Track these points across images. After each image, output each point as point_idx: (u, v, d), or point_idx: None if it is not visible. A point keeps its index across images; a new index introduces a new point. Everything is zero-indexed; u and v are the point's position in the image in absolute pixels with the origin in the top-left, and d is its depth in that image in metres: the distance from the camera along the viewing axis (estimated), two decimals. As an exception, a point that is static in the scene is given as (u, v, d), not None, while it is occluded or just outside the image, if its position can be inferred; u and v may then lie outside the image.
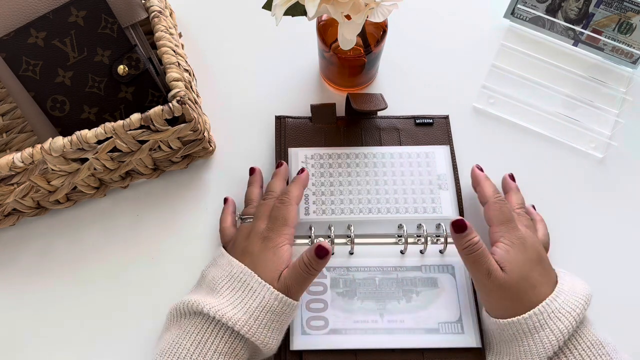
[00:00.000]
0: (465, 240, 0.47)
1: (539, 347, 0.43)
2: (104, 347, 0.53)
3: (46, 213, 0.58)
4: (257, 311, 0.44)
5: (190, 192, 0.60)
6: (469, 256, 0.47)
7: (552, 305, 0.44)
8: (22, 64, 0.53)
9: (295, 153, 0.58)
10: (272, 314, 0.45)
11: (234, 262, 0.47)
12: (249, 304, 0.44)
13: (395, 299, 0.51)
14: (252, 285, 0.45)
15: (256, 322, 0.44)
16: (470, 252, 0.46)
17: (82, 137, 0.48)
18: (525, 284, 0.45)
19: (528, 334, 0.44)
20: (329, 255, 0.45)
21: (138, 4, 0.57)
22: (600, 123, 0.63)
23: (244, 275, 0.46)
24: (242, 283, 0.46)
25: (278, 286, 0.45)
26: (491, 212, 0.50)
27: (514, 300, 0.45)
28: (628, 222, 0.58)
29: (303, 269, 0.46)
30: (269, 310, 0.45)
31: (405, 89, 0.65)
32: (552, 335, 0.43)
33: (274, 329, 0.45)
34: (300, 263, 0.46)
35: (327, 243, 0.46)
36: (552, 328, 0.43)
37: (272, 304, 0.45)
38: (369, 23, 0.53)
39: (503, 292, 0.45)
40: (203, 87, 0.65)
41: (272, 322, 0.45)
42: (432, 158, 0.59)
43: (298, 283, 0.46)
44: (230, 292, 0.45)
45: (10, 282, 0.56)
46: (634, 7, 0.61)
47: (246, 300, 0.45)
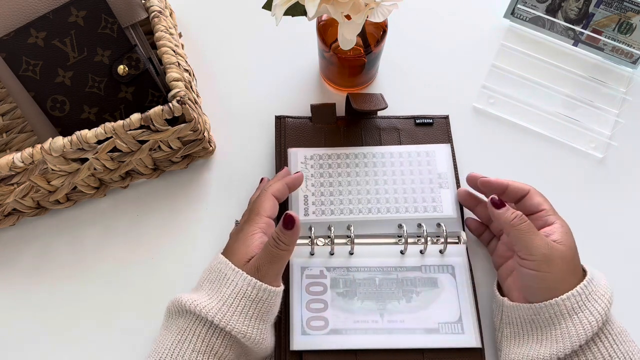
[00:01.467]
0: (508, 213, 0.47)
1: (579, 329, 0.43)
2: (104, 347, 0.53)
3: (46, 213, 0.58)
4: (231, 298, 0.43)
5: (190, 192, 0.60)
6: (520, 226, 0.46)
7: (589, 287, 0.45)
8: (22, 64, 0.53)
9: (294, 153, 0.58)
10: (246, 300, 0.43)
11: (216, 256, 0.48)
12: (223, 292, 0.44)
13: (395, 299, 0.51)
14: (225, 272, 0.45)
15: (230, 309, 0.43)
16: (520, 222, 0.46)
17: (82, 137, 0.48)
18: (576, 260, 0.46)
19: (567, 315, 0.44)
20: (296, 225, 0.45)
21: (138, 4, 0.57)
22: (600, 123, 0.63)
23: (220, 264, 0.46)
24: (217, 273, 0.45)
25: (247, 268, 0.45)
26: (540, 198, 0.50)
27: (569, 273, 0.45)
28: (628, 222, 0.58)
29: (272, 244, 0.45)
30: (243, 296, 0.43)
31: (405, 89, 0.65)
32: (591, 317, 0.43)
33: (251, 317, 0.44)
34: (269, 240, 0.45)
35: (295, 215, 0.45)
36: (591, 310, 0.43)
37: (245, 289, 0.44)
38: (369, 23, 0.53)
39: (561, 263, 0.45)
40: (203, 87, 0.65)
41: (247, 308, 0.43)
42: (432, 157, 0.59)
43: (268, 261, 0.45)
44: (209, 284, 0.45)
45: (10, 282, 0.56)
46: (634, 7, 0.61)
47: (220, 288, 0.44)
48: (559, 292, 0.44)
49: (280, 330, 0.50)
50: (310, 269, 0.53)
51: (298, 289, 0.51)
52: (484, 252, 0.56)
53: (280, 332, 0.50)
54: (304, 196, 0.56)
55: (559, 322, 0.44)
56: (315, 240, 0.53)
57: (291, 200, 0.56)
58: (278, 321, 0.51)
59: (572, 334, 0.43)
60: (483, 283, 0.54)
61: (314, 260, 0.53)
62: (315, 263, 0.53)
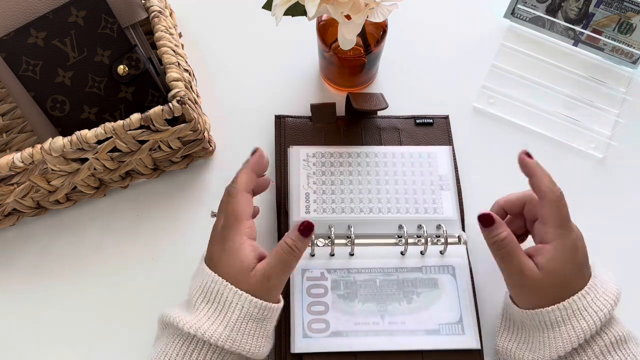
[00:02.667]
0: (492, 234, 0.45)
1: (558, 342, 0.43)
2: (104, 347, 0.53)
3: (46, 213, 0.58)
4: (239, 323, 0.42)
5: (190, 192, 0.60)
6: (498, 252, 0.45)
7: (580, 302, 0.43)
8: (22, 64, 0.53)
9: (295, 151, 0.58)
10: (254, 322, 0.43)
11: (206, 271, 0.44)
12: (229, 317, 0.42)
13: (396, 301, 0.51)
14: (227, 295, 0.43)
15: (239, 334, 0.42)
16: (498, 248, 0.45)
17: (82, 137, 0.48)
18: (561, 285, 0.44)
19: (550, 326, 0.44)
20: (313, 231, 0.44)
21: (138, 4, 0.57)
22: (600, 123, 0.63)
23: (216, 285, 0.43)
24: (215, 294, 0.43)
25: (255, 278, 0.43)
26: (549, 211, 0.45)
27: (544, 299, 0.44)
28: (628, 222, 0.58)
29: (287, 251, 0.43)
30: (250, 319, 0.43)
31: (405, 89, 0.65)
32: (572, 332, 0.43)
33: (259, 336, 0.43)
34: (282, 247, 0.43)
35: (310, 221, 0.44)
36: (574, 325, 0.43)
37: (252, 312, 0.42)
38: (369, 23, 0.53)
39: (535, 290, 0.44)
40: (203, 87, 0.65)
41: (255, 329, 0.43)
42: (434, 158, 0.59)
43: (281, 269, 0.43)
44: (207, 305, 0.43)
45: (10, 282, 0.56)
46: (634, 7, 0.61)
47: (224, 312, 0.42)
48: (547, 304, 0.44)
49: (280, 333, 0.50)
50: (310, 270, 0.52)
51: (299, 291, 0.51)
52: (484, 253, 0.56)
53: (281, 335, 0.50)
54: (305, 193, 0.56)
55: (543, 330, 0.44)
56: (315, 240, 0.53)
57: (292, 197, 0.56)
58: (278, 324, 0.51)
59: (551, 345, 0.43)
60: (483, 284, 0.54)
61: (314, 262, 0.53)
62: (316, 265, 0.53)
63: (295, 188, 0.56)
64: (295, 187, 0.56)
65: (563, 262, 0.44)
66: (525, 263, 0.44)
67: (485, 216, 0.45)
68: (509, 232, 0.45)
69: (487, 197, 0.59)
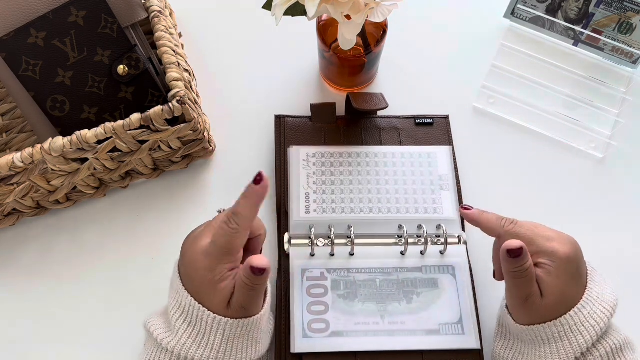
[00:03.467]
0: (517, 265, 0.43)
1: (555, 357, 0.43)
2: (104, 347, 0.53)
3: (46, 213, 0.58)
4: (224, 344, 0.42)
5: (190, 192, 0.60)
6: (515, 280, 0.43)
7: (577, 317, 0.43)
8: (22, 64, 0.53)
9: (296, 151, 0.58)
10: (239, 339, 0.43)
11: (181, 292, 0.43)
12: (212, 340, 0.42)
13: (396, 301, 0.51)
14: (206, 320, 0.42)
15: (226, 353, 0.42)
16: (518, 277, 0.43)
17: (82, 137, 0.48)
18: (559, 306, 0.43)
19: (547, 342, 0.43)
20: (266, 271, 0.41)
21: (138, 4, 0.57)
22: (600, 123, 0.63)
23: (194, 310, 0.42)
24: (195, 318, 0.42)
25: (232, 313, 0.42)
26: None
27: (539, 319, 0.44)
28: (628, 221, 0.58)
29: (248, 289, 0.41)
30: (235, 337, 0.42)
31: (405, 89, 0.65)
32: (569, 348, 0.42)
33: (247, 347, 0.43)
34: (243, 285, 0.41)
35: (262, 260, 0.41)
36: (571, 341, 0.42)
37: (234, 331, 0.42)
38: (369, 23, 0.53)
39: (537, 314, 0.44)
40: (203, 87, 0.65)
41: (242, 343, 0.43)
42: (434, 158, 0.59)
43: (250, 298, 0.42)
44: (188, 328, 0.42)
45: (10, 282, 0.56)
46: (634, 7, 0.61)
47: (207, 337, 0.42)
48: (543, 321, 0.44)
49: (280, 333, 0.50)
50: (310, 270, 0.52)
51: (299, 291, 0.51)
52: (484, 253, 0.56)
53: (281, 335, 0.50)
54: (305, 193, 0.56)
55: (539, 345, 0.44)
56: (315, 240, 0.53)
57: (292, 197, 0.56)
58: (279, 324, 0.51)
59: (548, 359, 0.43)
60: (483, 283, 0.54)
61: (314, 262, 0.53)
62: (316, 265, 0.53)
63: (295, 188, 0.56)
64: (295, 187, 0.56)
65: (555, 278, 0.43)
66: (534, 290, 0.43)
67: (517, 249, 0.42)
68: (531, 261, 0.43)
69: (487, 197, 0.59)
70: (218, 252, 0.42)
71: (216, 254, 0.42)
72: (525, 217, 0.55)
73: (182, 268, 0.44)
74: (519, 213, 0.58)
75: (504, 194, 0.59)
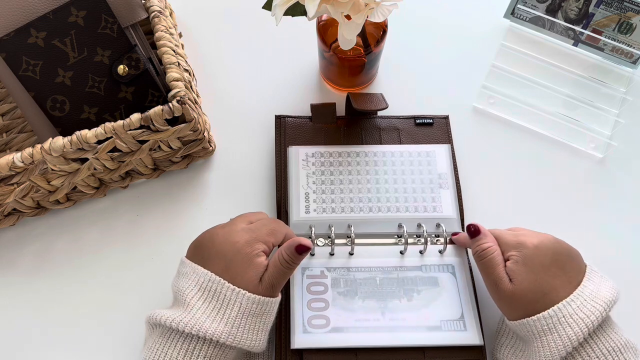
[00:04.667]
0: (476, 244, 0.48)
1: (546, 351, 0.43)
2: (104, 347, 0.53)
3: (46, 213, 0.58)
4: (238, 319, 0.43)
5: (190, 192, 0.60)
6: (479, 262, 0.48)
7: (565, 310, 0.43)
8: (22, 64, 0.53)
9: (295, 151, 0.58)
10: (253, 317, 0.44)
11: (199, 270, 0.45)
12: (228, 314, 0.43)
13: (396, 298, 0.51)
14: (225, 293, 0.44)
15: (239, 329, 0.43)
16: (480, 258, 0.47)
17: (82, 137, 0.48)
18: (536, 294, 0.44)
19: (537, 335, 0.44)
20: (309, 250, 0.46)
21: (138, 4, 0.57)
22: (600, 123, 0.63)
23: (213, 284, 0.44)
24: (213, 292, 0.44)
25: (262, 288, 0.45)
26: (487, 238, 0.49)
27: (522, 309, 0.45)
28: (628, 221, 0.58)
29: (285, 265, 0.45)
30: (250, 314, 0.44)
31: (405, 89, 0.65)
32: (559, 340, 0.43)
33: (258, 330, 0.45)
34: (281, 260, 0.45)
35: (307, 240, 0.46)
36: (560, 333, 0.43)
37: (250, 307, 0.44)
38: (369, 23, 0.53)
39: (511, 302, 0.45)
40: (203, 87, 0.65)
41: (254, 324, 0.44)
42: (432, 157, 0.59)
43: (282, 278, 0.46)
44: (203, 304, 0.44)
45: (10, 282, 0.56)
46: (634, 7, 0.61)
47: (223, 310, 0.43)
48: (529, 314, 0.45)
49: (280, 329, 0.50)
50: (311, 269, 0.52)
51: (299, 289, 0.51)
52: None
53: (281, 331, 0.50)
54: (305, 193, 0.56)
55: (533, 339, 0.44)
56: (315, 240, 0.53)
57: (292, 197, 0.56)
58: (278, 320, 0.51)
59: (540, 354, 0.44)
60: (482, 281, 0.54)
61: (314, 261, 0.53)
62: (316, 264, 0.53)
63: (295, 188, 0.56)
64: (295, 187, 0.56)
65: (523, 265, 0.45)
66: (501, 274, 0.46)
67: (472, 226, 0.49)
68: (494, 244, 0.47)
69: (487, 197, 0.59)
70: (263, 231, 0.47)
71: (258, 233, 0.46)
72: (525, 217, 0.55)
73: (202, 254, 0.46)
74: (519, 213, 0.58)
75: (503, 194, 0.59)
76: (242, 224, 0.48)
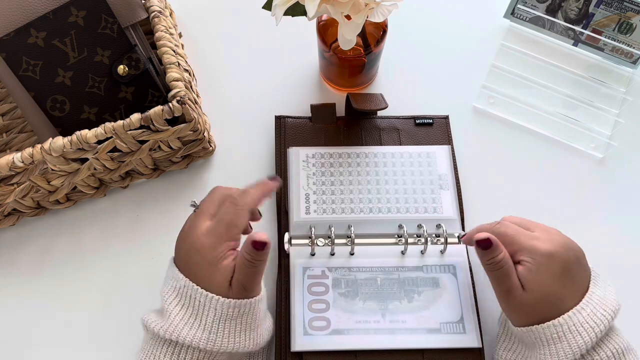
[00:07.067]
0: (489, 257, 0.45)
1: (554, 358, 0.43)
2: (104, 347, 0.53)
3: (46, 213, 0.58)
4: (215, 324, 0.43)
5: (190, 192, 0.60)
6: (491, 273, 0.46)
7: (575, 318, 0.43)
8: (22, 64, 0.53)
9: (295, 152, 0.58)
10: (230, 321, 0.43)
11: (177, 275, 0.44)
12: (204, 321, 0.43)
13: (397, 299, 0.51)
14: (199, 299, 0.43)
15: (218, 334, 0.43)
16: (493, 269, 0.45)
17: (82, 137, 0.48)
18: (545, 304, 0.44)
19: (546, 343, 0.43)
20: (267, 245, 0.43)
21: (138, 4, 0.57)
22: (600, 123, 0.63)
23: (188, 289, 0.43)
24: (188, 298, 0.43)
25: (233, 292, 0.43)
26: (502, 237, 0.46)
27: (531, 317, 0.44)
28: (628, 222, 0.58)
29: (248, 265, 0.43)
30: (227, 318, 0.43)
31: (405, 89, 0.65)
32: (568, 349, 0.42)
33: (240, 331, 0.44)
34: (244, 262, 0.43)
35: (262, 234, 0.43)
36: (570, 342, 0.42)
37: (227, 312, 0.43)
38: (369, 23, 0.53)
39: (521, 309, 0.45)
40: (203, 87, 0.65)
41: (234, 326, 0.43)
42: (433, 158, 0.59)
43: (251, 277, 0.43)
44: (181, 310, 0.43)
45: (10, 282, 0.56)
46: (634, 7, 0.61)
47: (199, 317, 0.43)
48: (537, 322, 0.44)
49: (281, 331, 0.50)
50: (312, 269, 0.52)
51: (300, 289, 0.51)
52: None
53: (281, 333, 0.50)
54: (305, 194, 0.56)
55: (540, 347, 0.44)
56: (315, 240, 0.53)
57: (292, 198, 0.56)
58: (279, 322, 0.51)
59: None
60: (483, 283, 0.54)
61: (315, 261, 0.53)
62: (317, 263, 0.53)
63: (295, 189, 0.56)
64: (295, 187, 0.56)
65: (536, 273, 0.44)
66: (514, 283, 0.44)
67: (484, 240, 0.45)
68: (506, 253, 0.45)
69: (487, 197, 0.59)
70: (222, 228, 0.44)
71: (219, 232, 0.44)
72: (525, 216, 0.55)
73: (180, 258, 0.45)
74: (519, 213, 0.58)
75: (504, 194, 0.59)
76: (205, 221, 0.45)
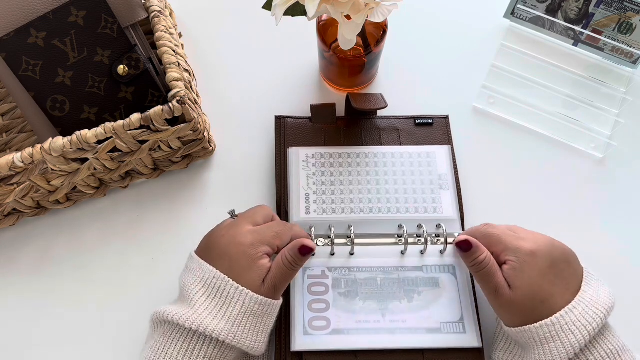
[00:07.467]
0: (471, 258, 0.47)
1: (548, 358, 0.43)
2: (104, 347, 0.53)
3: (46, 213, 0.58)
4: (240, 317, 0.44)
5: (190, 192, 0.60)
6: (476, 274, 0.47)
7: (567, 317, 0.43)
8: (22, 64, 0.53)
9: (295, 152, 0.58)
10: (254, 317, 0.44)
11: (205, 267, 0.46)
12: (230, 312, 0.44)
13: (397, 299, 0.51)
14: (228, 291, 0.44)
15: (240, 328, 0.43)
16: (477, 270, 0.47)
17: (82, 137, 0.48)
18: (534, 301, 0.44)
19: (539, 343, 0.44)
20: (312, 251, 0.47)
21: (138, 4, 0.57)
22: (600, 123, 0.63)
23: (218, 281, 0.45)
24: (217, 290, 0.44)
25: (264, 290, 0.45)
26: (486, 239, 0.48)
27: (521, 316, 0.45)
28: (628, 222, 0.58)
29: (287, 266, 0.46)
30: (251, 314, 0.44)
31: (405, 89, 0.65)
32: (562, 348, 0.42)
33: (258, 331, 0.45)
34: (284, 261, 0.46)
35: (310, 241, 0.47)
36: (563, 340, 0.43)
37: (252, 307, 0.44)
38: (369, 23, 0.53)
39: (510, 308, 0.45)
40: (203, 87, 0.65)
41: (256, 324, 0.44)
42: (433, 158, 0.59)
43: (284, 280, 0.46)
44: (206, 300, 0.44)
45: (10, 282, 0.56)
46: (634, 7, 0.61)
47: (225, 308, 0.44)
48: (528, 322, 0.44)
49: (281, 331, 0.50)
50: (312, 269, 0.53)
51: (300, 289, 0.51)
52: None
53: (281, 333, 0.50)
54: (305, 194, 0.56)
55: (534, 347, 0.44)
56: (315, 240, 0.53)
57: (292, 198, 0.56)
58: (279, 322, 0.51)
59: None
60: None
61: (315, 261, 0.53)
62: (317, 263, 0.53)
63: (295, 189, 0.56)
64: (295, 188, 0.56)
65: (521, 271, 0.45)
66: (500, 282, 0.46)
67: (463, 242, 0.48)
68: (488, 253, 0.47)
69: (487, 197, 0.59)
70: (268, 234, 0.47)
71: (264, 235, 0.47)
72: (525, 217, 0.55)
73: (211, 250, 0.47)
74: (519, 213, 0.58)
75: (503, 194, 0.59)
76: (247, 225, 0.47)
